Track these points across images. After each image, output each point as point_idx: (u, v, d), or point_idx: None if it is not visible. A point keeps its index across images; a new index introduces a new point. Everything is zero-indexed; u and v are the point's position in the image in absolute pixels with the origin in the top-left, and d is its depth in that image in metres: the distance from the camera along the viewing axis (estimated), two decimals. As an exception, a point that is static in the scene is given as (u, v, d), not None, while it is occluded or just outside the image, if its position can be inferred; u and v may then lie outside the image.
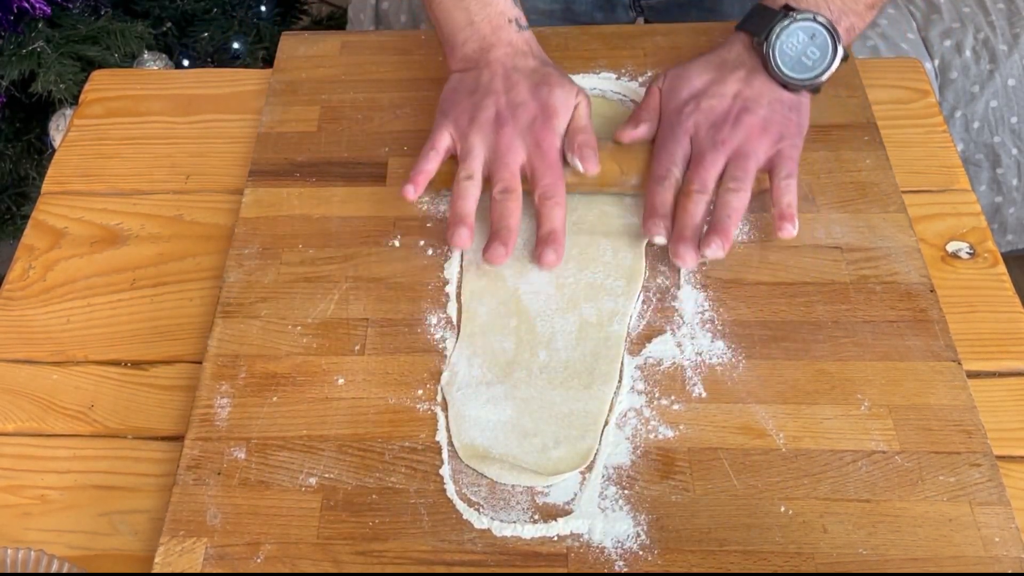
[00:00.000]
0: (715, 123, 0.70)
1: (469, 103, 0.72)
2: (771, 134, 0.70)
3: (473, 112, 0.71)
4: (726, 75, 0.72)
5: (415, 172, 0.69)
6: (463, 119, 0.71)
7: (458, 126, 0.71)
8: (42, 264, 0.74)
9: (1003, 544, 0.54)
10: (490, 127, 0.70)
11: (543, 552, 0.56)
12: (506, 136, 0.70)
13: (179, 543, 0.56)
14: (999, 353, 0.65)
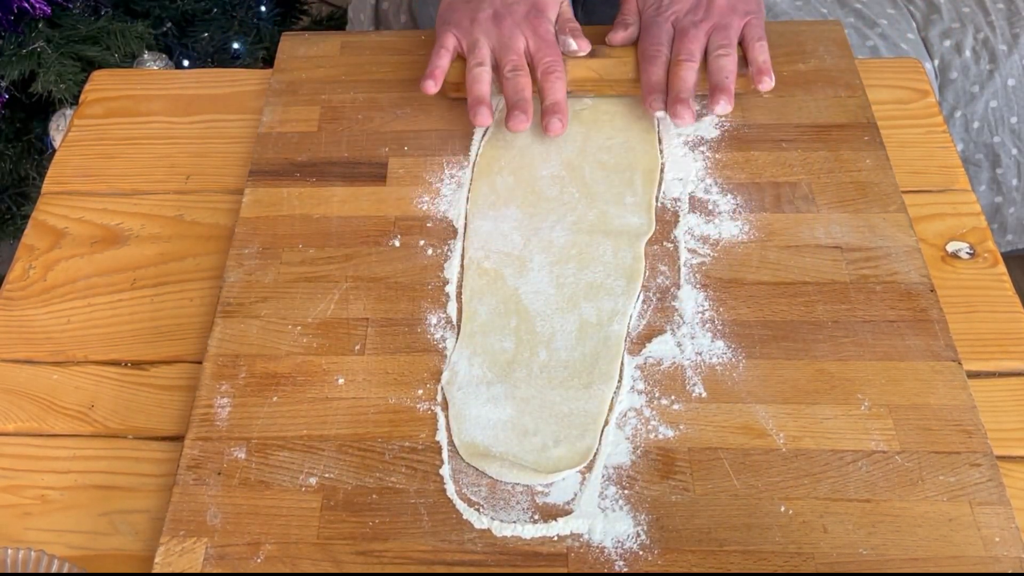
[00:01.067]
0: (691, 8, 0.80)
1: (467, 8, 0.79)
2: (739, 11, 0.79)
3: (472, 14, 0.79)
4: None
5: (431, 68, 0.77)
6: (464, 20, 0.79)
7: (460, 27, 0.79)
8: (42, 264, 0.74)
9: (1003, 544, 0.55)
10: (490, 22, 0.79)
11: (543, 552, 0.56)
12: (506, 27, 0.78)
13: (179, 543, 0.56)
14: (999, 353, 0.65)
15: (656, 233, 0.71)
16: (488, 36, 0.78)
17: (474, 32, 0.79)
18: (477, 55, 0.78)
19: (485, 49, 0.78)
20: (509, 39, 0.78)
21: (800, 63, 0.83)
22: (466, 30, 0.79)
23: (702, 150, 0.77)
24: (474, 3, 0.80)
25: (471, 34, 0.79)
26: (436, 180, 0.76)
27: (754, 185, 0.74)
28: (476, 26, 0.79)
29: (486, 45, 0.78)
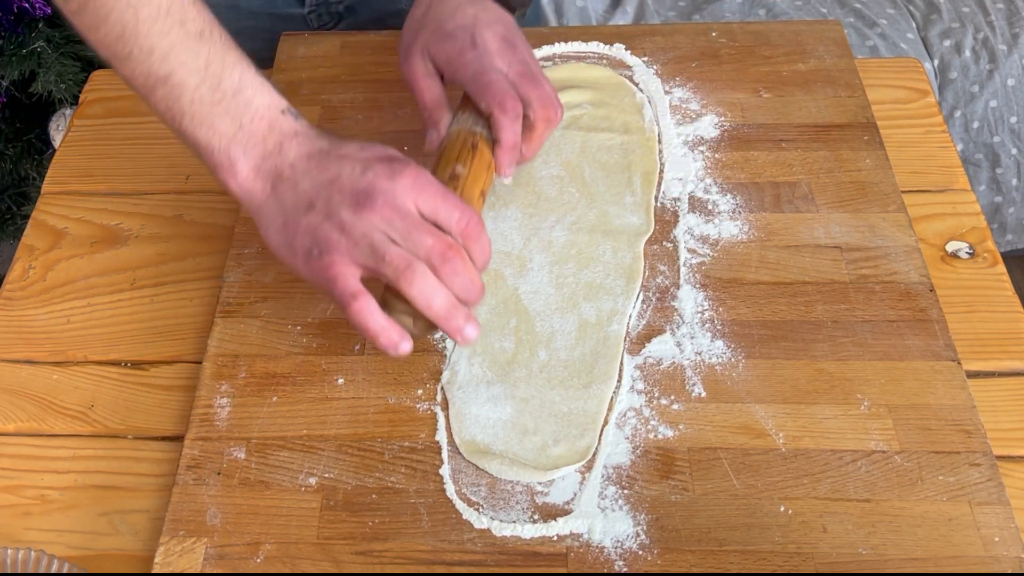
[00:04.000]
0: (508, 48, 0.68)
1: (321, 218, 0.56)
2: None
3: (334, 222, 0.55)
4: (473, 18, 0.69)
5: (388, 340, 0.55)
6: (334, 236, 0.55)
7: (339, 247, 0.55)
8: (42, 264, 0.74)
9: (1003, 544, 0.55)
10: (367, 217, 0.55)
11: (543, 552, 0.56)
12: (388, 209, 0.55)
13: (179, 543, 0.56)
14: (999, 353, 0.65)
15: (656, 233, 0.71)
16: (385, 240, 0.55)
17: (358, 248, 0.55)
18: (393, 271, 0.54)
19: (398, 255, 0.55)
20: (412, 227, 0.55)
21: (800, 63, 0.83)
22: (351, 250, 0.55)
23: (702, 150, 0.77)
24: (321, 206, 0.56)
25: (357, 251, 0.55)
26: (436, 180, 0.76)
27: (754, 185, 0.74)
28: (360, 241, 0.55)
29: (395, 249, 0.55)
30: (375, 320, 0.54)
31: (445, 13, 0.69)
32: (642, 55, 0.84)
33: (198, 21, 0.58)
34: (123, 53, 0.57)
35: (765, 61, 0.83)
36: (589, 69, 0.83)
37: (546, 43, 0.86)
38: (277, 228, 0.57)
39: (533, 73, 0.67)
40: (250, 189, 0.58)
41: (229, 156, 0.58)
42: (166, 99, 0.58)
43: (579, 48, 0.85)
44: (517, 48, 0.68)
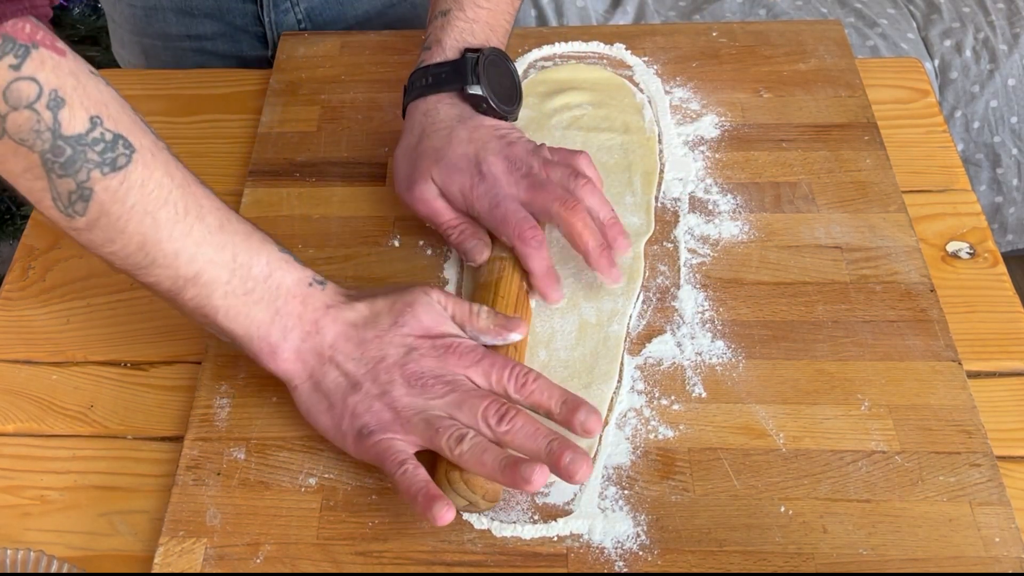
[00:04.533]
0: (511, 167, 0.67)
1: (370, 399, 0.56)
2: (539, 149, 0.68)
3: (385, 402, 0.56)
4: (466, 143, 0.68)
5: (425, 498, 0.53)
6: (386, 416, 0.56)
7: (393, 426, 0.56)
8: (42, 264, 0.74)
9: (1003, 544, 0.54)
10: (419, 396, 0.56)
11: (543, 552, 0.56)
12: (440, 386, 0.56)
13: (179, 543, 0.56)
14: (999, 353, 0.65)
15: (656, 233, 0.71)
16: (441, 412, 0.56)
17: (414, 420, 0.55)
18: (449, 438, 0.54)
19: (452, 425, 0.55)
20: (463, 399, 0.56)
21: (800, 63, 0.83)
22: (407, 422, 0.55)
23: (702, 150, 0.77)
24: (367, 387, 0.57)
25: (413, 424, 0.55)
26: (436, 180, 0.76)
27: (754, 185, 0.74)
28: (412, 414, 0.55)
29: (451, 422, 0.55)
30: (418, 482, 0.53)
31: (440, 140, 0.69)
32: (642, 55, 0.84)
33: (216, 213, 0.57)
34: (145, 262, 0.56)
35: (765, 61, 0.83)
36: (589, 70, 0.83)
37: (546, 43, 0.86)
38: (323, 411, 0.58)
39: (539, 180, 0.66)
40: (292, 371, 0.58)
41: (269, 343, 0.58)
42: (196, 299, 0.57)
43: (579, 48, 0.85)
44: (518, 159, 0.67)
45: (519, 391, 0.57)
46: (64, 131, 0.52)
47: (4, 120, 0.51)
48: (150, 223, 0.55)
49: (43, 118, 0.51)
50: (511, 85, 0.73)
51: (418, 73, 0.72)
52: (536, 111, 0.80)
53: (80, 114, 0.52)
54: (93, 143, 0.53)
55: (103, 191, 0.53)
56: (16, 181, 0.54)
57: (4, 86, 0.50)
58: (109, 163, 0.53)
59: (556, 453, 0.53)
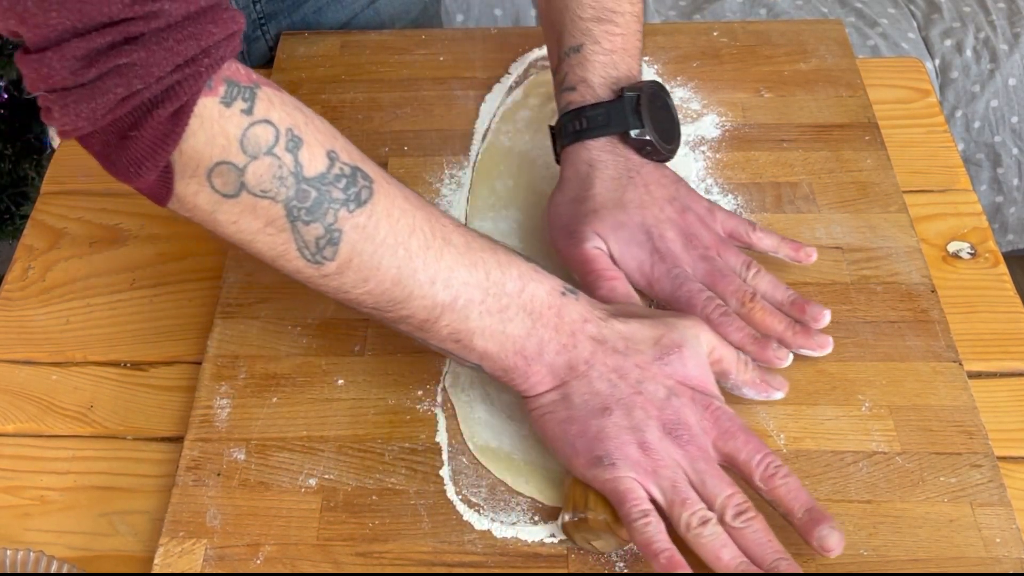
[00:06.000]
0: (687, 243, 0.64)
1: (619, 429, 0.54)
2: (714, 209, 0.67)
3: (636, 438, 0.54)
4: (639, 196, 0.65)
5: (669, 563, 0.51)
6: (633, 453, 0.53)
7: (637, 467, 0.53)
8: (41, 264, 0.73)
9: (1004, 545, 0.54)
10: (671, 447, 0.54)
11: (543, 553, 0.56)
12: (693, 447, 0.54)
13: (179, 544, 0.56)
14: (1000, 353, 0.65)
15: (656, 233, 0.71)
16: (680, 471, 0.53)
17: (662, 471, 0.53)
18: (691, 507, 0.52)
19: (691, 492, 0.53)
20: (706, 466, 0.54)
21: (801, 63, 0.82)
22: (650, 469, 0.53)
23: (703, 150, 0.77)
24: (617, 415, 0.54)
25: (661, 475, 0.53)
26: (436, 180, 0.76)
27: (755, 185, 0.74)
28: (659, 462, 0.53)
29: (688, 487, 0.53)
30: (663, 541, 0.51)
31: (612, 200, 0.65)
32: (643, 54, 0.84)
33: (458, 232, 0.55)
34: (402, 296, 0.53)
35: (766, 61, 0.83)
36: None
37: (546, 43, 0.85)
38: (559, 420, 0.55)
39: (717, 267, 0.63)
40: (543, 384, 0.56)
41: (524, 356, 0.55)
42: (452, 324, 0.54)
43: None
44: (693, 235, 0.64)
45: (765, 481, 0.54)
46: (307, 173, 0.48)
47: (243, 173, 0.47)
48: (403, 255, 0.52)
49: (284, 162, 0.48)
50: (670, 118, 0.69)
51: (570, 115, 0.67)
52: (537, 112, 0.80)
53: (318, 151, 0.49)
54: (336, 180, 0.49)
55: (352, 230, 0.50)
56: (253, 239, 0.51)
57: (240, 135, 0.47)
58: (354, 199, 0.50)
59: (781, 572, 0.51)
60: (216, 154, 0.47)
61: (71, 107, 0.45)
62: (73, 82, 0.44)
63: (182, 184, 0.48)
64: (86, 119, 0.45)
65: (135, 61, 0.44)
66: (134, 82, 0.44)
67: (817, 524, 0.52)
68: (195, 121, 0.46)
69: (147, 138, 0.46)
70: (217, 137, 0.47)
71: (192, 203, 0.50)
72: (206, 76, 0.45)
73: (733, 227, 0.66)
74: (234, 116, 0.47)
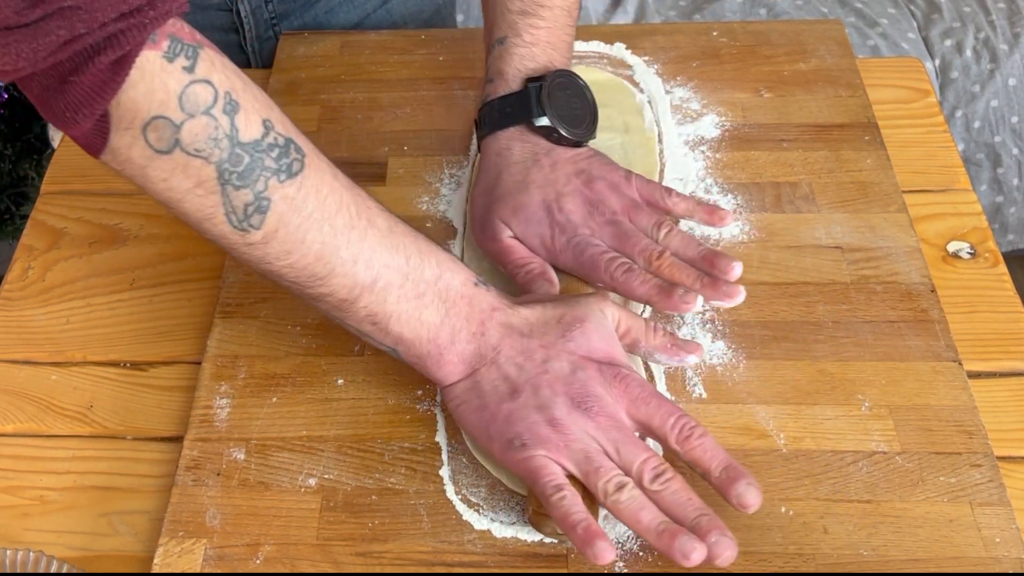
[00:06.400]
0: (592, 210, 0.64)
1: (528, 410, 0.55)
2: (625, 193, 0.66)
3: (544, 416, 0.54)
4: (544, 175, 0.66)
5: (586, 533, 0.51)
6: (543, 431, 0.54)
7: (548, 443, 0.54)
8: (41, 264, 0.73)
9: (1004, 545, 0.54)
10: (581, 419, 0.54)
11: (543, 553, 0.56)
12: (603, 417, 0.54)
13: (178, 544, 0.56)
14: (1000, 353, 0.65)
15: (656, 233, 0.71)
16: (593, 442, 0.54)
17: (573, 445, 0.53)
18: (606, 475, 0.53)
19: (605, 460, 0.54)
20: (623, 435, 0.54)
21: (801, 62, 0.82)
22: (560, 445, 0.53)
23: (702, 150, 0.77)
24: (526, 396, 0.55)
25: (572, 449, 0.53)
26: (436, 180, 0.76)
27: (754, 185, 0.74)
28: (569, 435, 0.53)
29: (602, 455, 0.54)
30: (578, 512, 0.51)
31: (516, 186, 0.66)
32: (643, 54, 0.84)
33: (383, 215, 0.55)
34: (323, 272, 0.53)
35: (766, 61, 0.83)
36: (589, 70, 0.83)
37: (546, 43, 0.85)
38: (472, 409, 0.56)
39: (623, 229, 0.63)
40: (454, 372, 0.57)
41: (438, 345, 0.56)
42: (370, 306, 0.55)
43: (579, 48, 0.85)
44: (599, 201, 0.65)
45: (680, 443, 0.54)
46: (242, 137, 0.48)
47: (178, 130, 0.47)
48: (328, 230, 0.52)
49: (221, 124, 0.47)
50: (582, 105, 0.69)
51: (485, 108, 0.69)
52: (536, 111, 0.80)
53: (254, 118, 0.49)
54: (269, 149, 0.50)
55: (281, 200, 0.50)
56: (181, 199, 0.50)
57: (180, 91, 0.46)
58: (285, 169, 0.50)
59: (703, 529, 0.51)
60: (154, 108, 0.47)
61: (12, 46, 0.44)
62: (16, 21, 0.43)
63: (117, 136, 0.48)
64: (26, 59, 0.44)
65: (80, 4, 0.43)
66: (77, 25, 0.44)
67: (734, 481, 0.52)
68: (136, 73, 0.46)
69: (86, 84, 0.45)
70: (156, 91, 0.46)
71: (125, 156, 0.49)
72: (151, 28, 0.45)
73: (649, 192, 0.66)
74: (175, 72, 0.46)
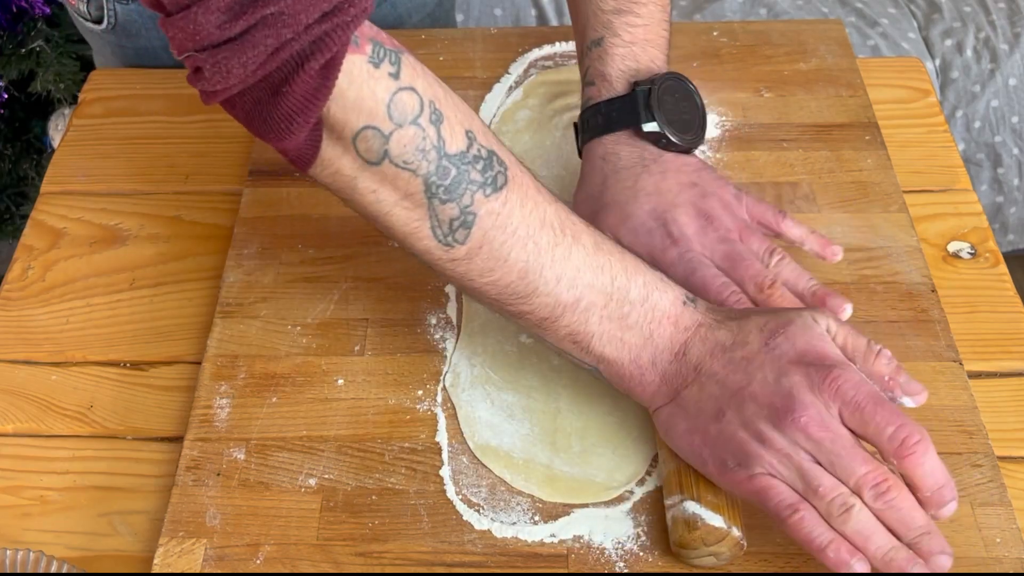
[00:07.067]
0: (706, 225, 0.62)
1: (735, 428, 0.52)
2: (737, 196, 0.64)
3: (751, 433, 0.51)
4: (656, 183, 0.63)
5: (838, 555, 0.49)
6: (754, 450, 0.51)
7: (761, 461, 0.51)
8: (41, 264, 0.73)
9: (1004, 545, 0.54)
10: (790, 431, 0.50)
11: (543, 553, 0.55)
12: (814, 426, 0.50)
13: (178, 544, 0.56)
14: (1000, 353, 0.65)
15: (656, 233, 0.71)
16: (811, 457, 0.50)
17: (794, 458, 0.50)
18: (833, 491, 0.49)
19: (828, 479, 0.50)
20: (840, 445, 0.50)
21: (801, 62, 0.82)
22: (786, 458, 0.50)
23: (703, 150, 0.76)
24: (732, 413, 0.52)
25: (791, 463, 0.50)
26: (436, 180, 0.75)
27: (755, 185, 0.73)
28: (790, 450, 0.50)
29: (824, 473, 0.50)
30: (823, 534, 0.49)
31: (625, 194, 0.63)
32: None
33: (588, 231, 0.54)
34: (525, 291, 0.52)
35: (766, 60, 0.83)
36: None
37: (546, 43, 0.85)
38: (681, 432, 0.54)
39: (736, 251, 0.61)
40: (655, 393, 0.55)
41: (639, 366, 0.54)
42: (572, 325, 0.53)
43: (580, 47, 0.85)
44: (713, 217, 0.62)
45: (897, 456, 0.49)
46: (448, 149, 0.47)
47: (387, 141, 0.46)
48: (532, 248, 0.50)
49: (428, 135, 0.46)
50: (691, 110, 0.67)
51: (589, 111, 0.67)
52: (537, 112, 0.80)
53: (458, 129, 0.48)
54: (474, 161, 0.48)
55: (487, 215, 0.49)
56: (387, 212, 0.49)
57: (388, 99, 0.45)
58: (491, 183, 0.49)
59: (924, 550, 0.48)
60: (363, 117, 0.46)
61: (222, 63, 0.43)
62: (221, 37, 0.42)
63: (328, 146, 0.47)
64: (238, 75, 0.44)
65: (282, 9, 0.42)
66: (283, 32, 0.43)
67: (945, 502, 0.49)
68: (344, 79, 0.45)
69: (298, 93, 0.44)
70: (366, 99, 0.46)
71: (336, 167, 0.48)
72: (353, 27, 0.44)
73: (761, 213, 0.64)
74: (382, 78, 0.45)
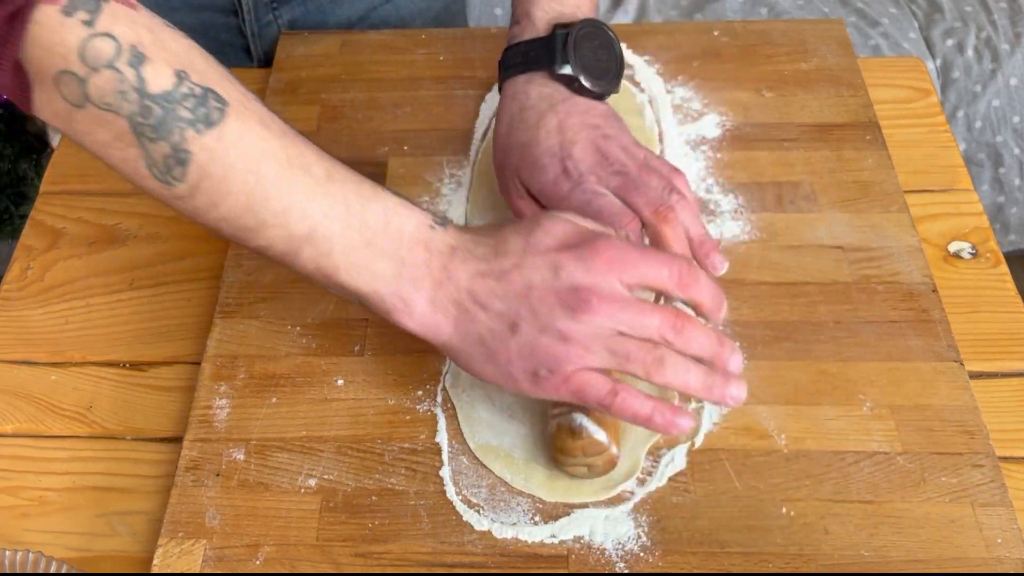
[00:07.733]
0: (601, 160, 0.62)
1: (534, 336, 0.52)
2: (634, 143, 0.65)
3: (552, 335, 0.51)
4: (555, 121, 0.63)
5: (664, 418, 0.52)
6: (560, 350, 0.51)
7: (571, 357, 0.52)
8: (40, 264, 0.73)
9: (1005, 545, 0.54)
10: (586, 318, 0.51)
11: (544, 554, 0.55)
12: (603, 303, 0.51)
13: (178, 544, 0.56)
14: (1001, 354, 0.65)
15: (657, 233, 0.71)
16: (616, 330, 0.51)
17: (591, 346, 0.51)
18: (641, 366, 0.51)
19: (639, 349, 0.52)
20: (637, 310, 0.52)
21: (802, 62, 0.82)
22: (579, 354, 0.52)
23: (703, 149, 0.76)
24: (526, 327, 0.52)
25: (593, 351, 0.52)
26: (436, 180, 0.76)
27: (756, 185, 0.73)
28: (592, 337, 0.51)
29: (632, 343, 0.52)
30: (644, 404, 0.51)
31: (527, 133, 0.64)
32: (643, 54, 0.84)
33: (321, 162, 0.54)
34: (254, 223, 0.52)
35: (767, 60, 0.83)
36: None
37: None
38: (484, 361, 0.53)
39: (633, 180, 0.61)
40: (432, 324, 0.54)
41: (401, 297, 0.53)
42: (315, 258, 0.53)
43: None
44: (611, 154, 0.62)
45: (683, 289, 0.52)
46: (150, 89, 0.48)
47: (85, 84, 0.47)
48: (254, 180, 0.51)
49: (126, 77, 0.47)
50: (608, 56, 0.67)
51: (510, 51, 0.67)
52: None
53: (164, 69, 0.49)
54: (183, 99, 0.49)
55: (200, 151, 0.50)
56: (107, 153, 0.50)
57: (80, 45, 0.47)
58: (202, 119, 0.49)
59: (723, 359, 0.52)
60: (57, 63, 0.47)
61: None
62: None
63: (38, 90, 0.49)
64: None
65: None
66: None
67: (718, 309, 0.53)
68: (35, 27, 0.46)
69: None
70: (56, 46, 0.47)
71: (50, 110, 0.50)
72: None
73: (659, 164, 0.64)
74: (74, 26, 0.47)
